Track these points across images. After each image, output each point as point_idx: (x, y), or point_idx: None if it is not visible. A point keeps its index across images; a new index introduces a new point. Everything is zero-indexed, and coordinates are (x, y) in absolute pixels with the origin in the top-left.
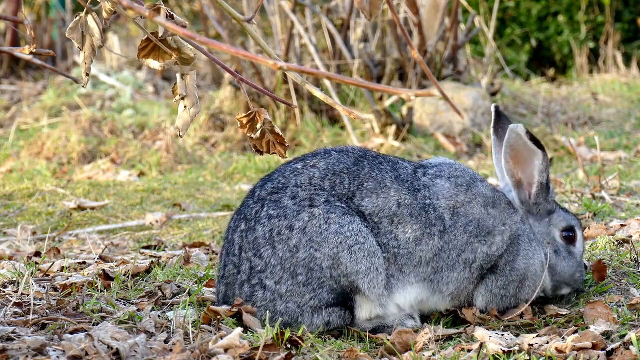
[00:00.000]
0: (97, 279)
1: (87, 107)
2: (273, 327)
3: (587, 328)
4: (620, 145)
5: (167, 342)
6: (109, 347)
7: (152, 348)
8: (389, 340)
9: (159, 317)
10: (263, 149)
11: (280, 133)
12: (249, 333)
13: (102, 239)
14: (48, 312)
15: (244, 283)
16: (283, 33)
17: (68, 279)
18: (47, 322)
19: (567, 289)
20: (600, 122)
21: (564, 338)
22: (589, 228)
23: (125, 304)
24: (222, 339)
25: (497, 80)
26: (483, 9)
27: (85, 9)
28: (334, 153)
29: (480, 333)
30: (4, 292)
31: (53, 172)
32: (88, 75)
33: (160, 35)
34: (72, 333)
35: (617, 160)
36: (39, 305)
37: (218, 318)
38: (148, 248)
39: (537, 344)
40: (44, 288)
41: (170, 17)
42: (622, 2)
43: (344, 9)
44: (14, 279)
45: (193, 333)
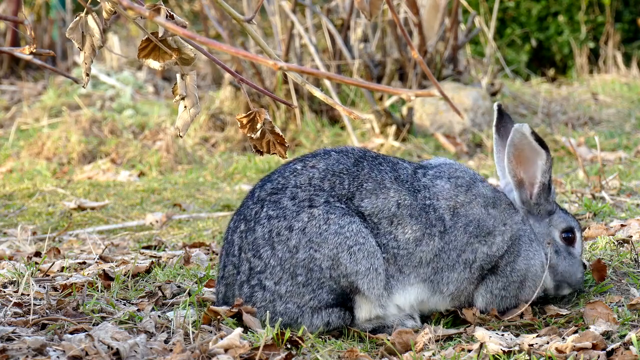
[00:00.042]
0: (97, 279)
1: (87, 107)
2: (273, 327)
3: (587, 328)
4: (620, 145)
5: (167, 342)
6: (109, 347)
7: (152, 348)
8: (389, 340)
9: (159, 317)
10: (263, 149)
11: (280, 133)
12: (249, 333)
13: (102, 239)
14: (48, 312)
15: (244, 283)
16: (283, 33)
17: (68, 279)
18: (47, 322)
19: (568, 289)
20: (600, 122)
21: (564, 338)
22: (589, 228)
23: (125, 304)
24: (222, 339)
25: (497, 80)
26: (483, 9)
27: (85, 9)
28: (334, 153)
29: (480, 333)
30: (4, 292)
31: (53, 172)
32: (88, 75)
33: (160, 35)
34: (72, 333)
35: (617, 160)
36: (39, 305)
37: (218, 318)
38: (148, 248)
39: (537, 344)
40: (44, 288)
41: (170, 17)
42: (622, 2)
43: (344, 9)
44: (14, 279)
45: (193, 333)
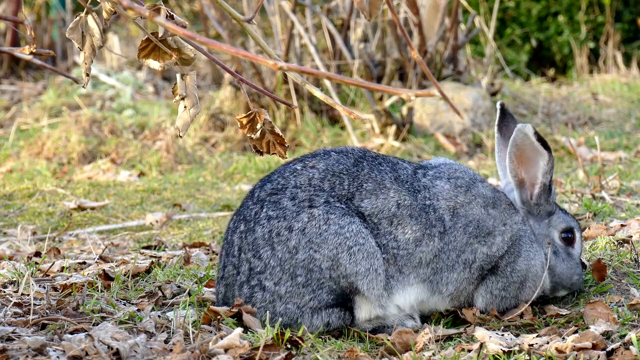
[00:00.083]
0: (97, 279)
1: (87, 107)
2: (273, 327)
3: (587, 328)
4: (620, 145)
5: (167, 342)
6: (109, 347)
7: (152, 348)
8: (389, 340)
9: (159, 317)
10: (263, 149)
11: (280, 133)
12: (249, 333)
13: (102, 239)
14: (48, 312)
15: (243, 284)
16: (283, 33)
17: (68, 279)
18: (47, 322)
19: (563, 291)
20: (600, 122)
21: (564, 338)
22: (589, 228)
23: (125, 304)
24: (222, 339)
25: (497, 80)
26: (483, 9)
27: (85, 9)
28: (333, 154)
29: (480, 333)
30: (4, 292)
31: (53, 172)
32: (88, 75)
33: (160, 35)
34: (72, 333)
35: (617, 160)
36: (39, 305)
37: (218, 318)
38: (148, 248)
39: (537, 344)
40: (44, 288)
41: (170, 17)
42: (622, 2)
43: (344, 9)
44: (14, 279)
45: (193, 333)
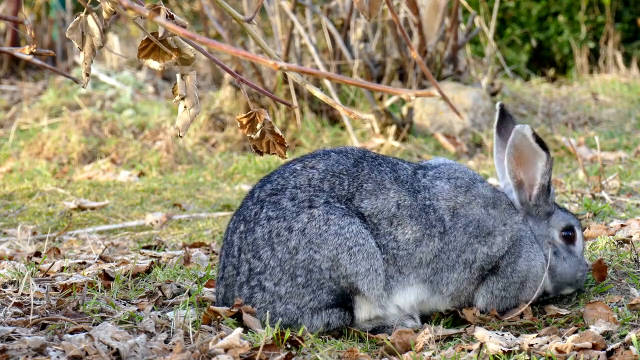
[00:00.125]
0: (97, 279)
1: (87, 107)
2: (273, 327)
3: (587, 328)
4: (620, 145)
5: (167, 342)
6: (109, 347)
7: (152, 348)
8: (389, 340)
9: (159, 317)
10: (263, 149)
11: (280, 133)
12: (249, 333)
13: (102, 239)
14: (48, 312)
15: (243, 284)
16: (283, 33)
17: (68, 279)
18: (47, 322)
19: (569, 289)
20: (600, 122)
21: (564, 338)
22: (589, 228)
23: (125, 304)
24: (222, 339)
25: (497, 80)
26: (483, 9)
27: (85, 9)
28: (333, 154)
29: (480, 333)
30: (4, 292)
31: (53, 172)
32: (88, 75)
33: (160, 36)
34: (72, 333)
35: (617, 160)
36: (39, 305)
37: (218, 318)
38: (148, 248)
39: (537, 344)
40: (44, 288)
41: (170, 17)
42: (622, 2)
43: (344, 9)
44: (14, 279)
45: (193, 333)
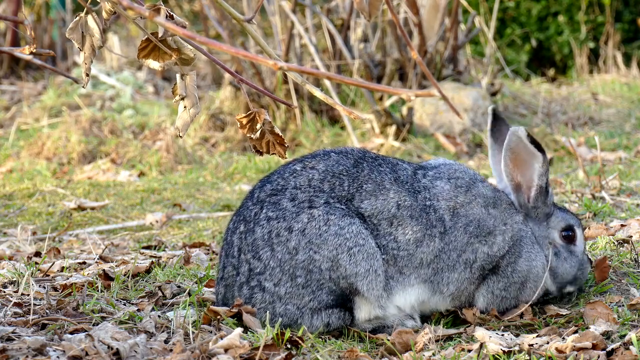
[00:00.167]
0: (97, 279)
1: (87, 107)
2: (273, 327)
3: (587, 328)
4: (620, 145)
5: (167, 342)
6: (109, 347)
7: (152, 348)
8: (389, 340)
9: (159, 317)
10: (262, 150)
11: (280, 133)
12: (249, 333)
13: (102, 239)
14: (48, 312)
15: (243, 285)
16: (283, 33)
17: (68, 279)
18: (47, 322)
19: (571, 287)
20: (600, 122)
21: (564, 338)
22: (589, 228)
23: (125, 304)
24: (222, 339)
25: (497, 80)
26: (483, 9)
27: (85, 9)
28: (333, 154)
29: (480, 333)
30: (4, 292)
31: (53, 172)
32: (88, 75)
33: (160, 36)
34: (72, 333)
35: (617, 160)
36: (39, 305)
37: (218, 318)
38: (148, 248)
39: (537, 344)
40: (44, 288)
41: (170, 17)
42: (622, 2)
43: (344, 9)
44: (14, 279)
45: (193, 333)
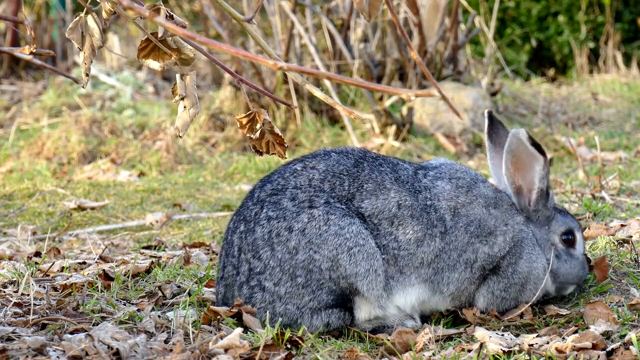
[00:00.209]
0: (97, 279)
1: (87, 107)
2: (273, 327)
3: (587, 328)
4: (620, 145)
5: (167, 342)
6: (109, 347)
7: (152, 348)
8: (389, 340)
9: (159, 317)
10: (262, 150)
11: (280, 133)
12: (249, 333)
13: (102, 239)
14: (48, 312)
15: (243, 284)
16: (283, 33)
17: (68, 279)
18: (47, 322)
19: (571, 288)
20: (600, 122)
21: (564, 338)
22: (589, 228)
23: (125, 304)
24: (222, 339)
25: (497, 80)
26: (483, 9)
27: (85, 9)
28: (334, 154)
29: (480, 333)
30: (4, 292)
31: (53, 172)
32: (88, 75)
33: (160, 36)
34: (72, 333)
35: (617, 160)
36: (39, 305)
37: (218, 318)
38: (148, 248)
39: (537, 344)
40: (44, 288)
41: (170, 17)
42: (622, 2)
43: (344, 9)
44: (14, 279)
45: (193, 333)
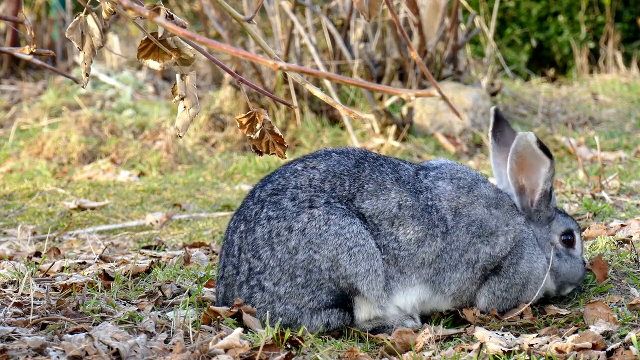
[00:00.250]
0: (97, 279)
1: (87, 107)
2: (273, 327)
3: (587, 328)
4: (620, 145)
5: (167, 342)
6: (109, 347)
7: (152, 348)
8: (389, 340)
9: (159, 317)
10: (262, 149)
11: (280, 133)
12: (249, 333)
13: (102, 239)
14: (48, 312)
15: (243, 284)
16: (283, 33)
17: (68, 279)
18: (47, 322)
19: (570, 288)
20: (600, 122)
21: (564, 338)
22: (589, 228)
23: (125, 304)
24: (222, 339)
25: (497, 80)
26: (483, 9)
27: (85, 9)
28: (334, 154)
29: (480, 333)
30: (4, 292)
31: (53, 172)
32: (88, 75)
33: (160, 36)
34: (72, 333)
35: (617, 160)
36: (39, 305)
37: (218, 318)
38: (148, 248)
39: (537, 344)
40: (44, 288)
41: (170, 17)
42: (622, 2)
43: (344, 9)
44: (14, 279)
45: (193, 333)
